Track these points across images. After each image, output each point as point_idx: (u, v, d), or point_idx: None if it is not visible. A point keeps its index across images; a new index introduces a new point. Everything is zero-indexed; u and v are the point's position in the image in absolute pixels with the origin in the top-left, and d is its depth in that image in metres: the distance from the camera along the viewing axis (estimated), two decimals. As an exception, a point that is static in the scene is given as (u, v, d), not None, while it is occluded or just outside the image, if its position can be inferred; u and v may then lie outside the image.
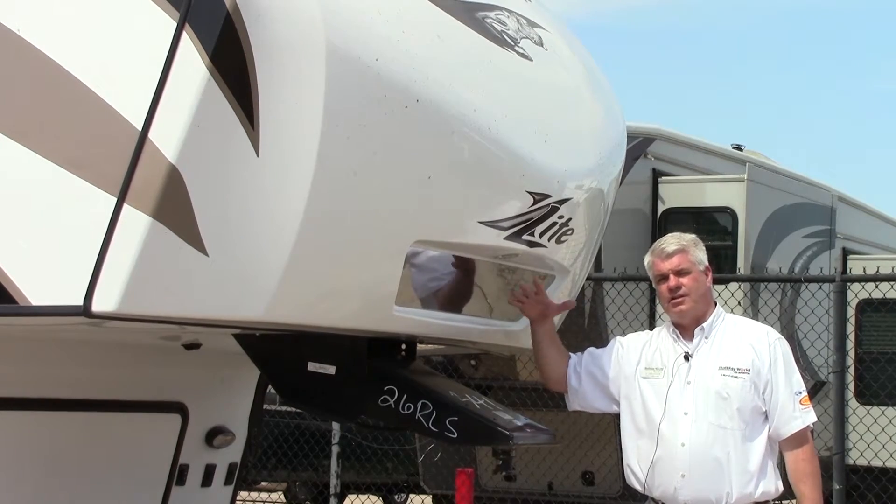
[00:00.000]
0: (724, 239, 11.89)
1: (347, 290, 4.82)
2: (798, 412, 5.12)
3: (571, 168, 5.44)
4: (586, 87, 5.79)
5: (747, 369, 5.09)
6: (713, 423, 5.05)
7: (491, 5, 5.41)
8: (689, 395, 5.09)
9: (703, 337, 5.18)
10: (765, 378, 5.10)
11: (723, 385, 5.07)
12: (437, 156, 4.88)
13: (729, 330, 5.20)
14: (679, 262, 5.18)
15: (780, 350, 5.15)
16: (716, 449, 5.04)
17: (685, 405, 5.08)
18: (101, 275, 4.32)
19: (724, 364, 5.11)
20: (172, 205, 4.32)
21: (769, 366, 5.10)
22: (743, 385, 5.06)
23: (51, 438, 5.47)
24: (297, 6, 4.49)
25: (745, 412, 5.06)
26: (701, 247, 5.27)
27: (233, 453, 6.23)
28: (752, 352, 5.12)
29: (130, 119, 4.36)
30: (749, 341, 5.16)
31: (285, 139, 4.48)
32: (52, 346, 5.30)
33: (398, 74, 4.70)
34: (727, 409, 5.05)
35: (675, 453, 5.06)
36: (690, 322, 5.18)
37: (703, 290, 5.19)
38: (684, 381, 5.11)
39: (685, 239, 5.25)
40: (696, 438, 5.05)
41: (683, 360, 5.14)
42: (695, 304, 5.16)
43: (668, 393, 5.10)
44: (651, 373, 5.19)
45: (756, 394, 5.08)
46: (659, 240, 5.32)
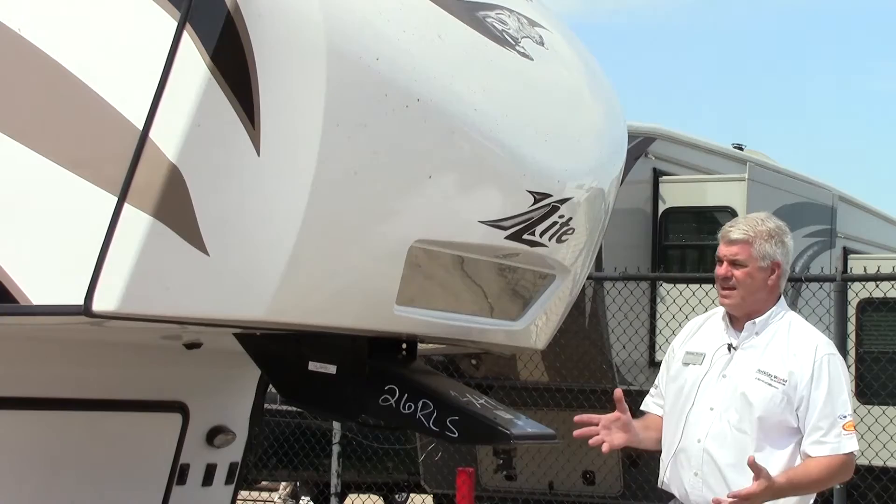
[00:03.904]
0: (725, 238, 11.85)
1: (348, 289, 4.82)
2: (833, 437, 4.65)
3: (572, 167, 5.44)
4: (587, 86, 5.79)
5: (784, 380, 4.66)
6: (733, 426, 4.67)
7: (492, 4, 5.41)
8: (720, 389, 4.72)
9: (754, 332, 4.76)
10: (801, 393, 4.65)
11: (753, 390, 4.67)
12: (438, 155, 4.88)
13: (782, 332, 4.76)
14: (737, 252, 4.74)
15: (828, 367, 4.68)
16: (731, 453, 4.66)
17: (713, 399, 4.72)
18: (102, 274, 4.32)
19: (763, 367, 4.70)
20: (173, 204, 4.33)
21: (809, 381, 4.66)
22: (773, 395, 4.65)
23: (52, 438, 5.47)
24: (298, 6, 4.49)
25: (769, 424, 4.65)
26: (780, 239, 4.76)
27: (233, 453, 6.23)
28: (795, 362, 4.69)
29: (131, 119, 4.36)
30: (794, 350, 4.72)
31: (286, 139, 4.48)
32: (53, 345, 5.30)
33: (399, 74, 4.70)
34: (749, 414, 4.65)
35: (692, 449, 4.72)
36: (743, 314, 4.77)
37: (759, 287, 4.73)
38: (720, 373, 4.74)
39: (760, 227, 4.77)
40: (713, 437, 4.69)
41: (726, 350, 4.76)
42: (743, 300, 4.74)
43: (702, 382, 4.75)
44: (691, 358, 4.83)
45: (788, 408, 4.65)
46: (734, 219, 4.90)
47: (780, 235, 4.77)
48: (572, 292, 5.86)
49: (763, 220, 4.81)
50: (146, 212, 4.31)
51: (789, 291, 12.00)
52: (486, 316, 5.51)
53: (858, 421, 10.94)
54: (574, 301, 6.02)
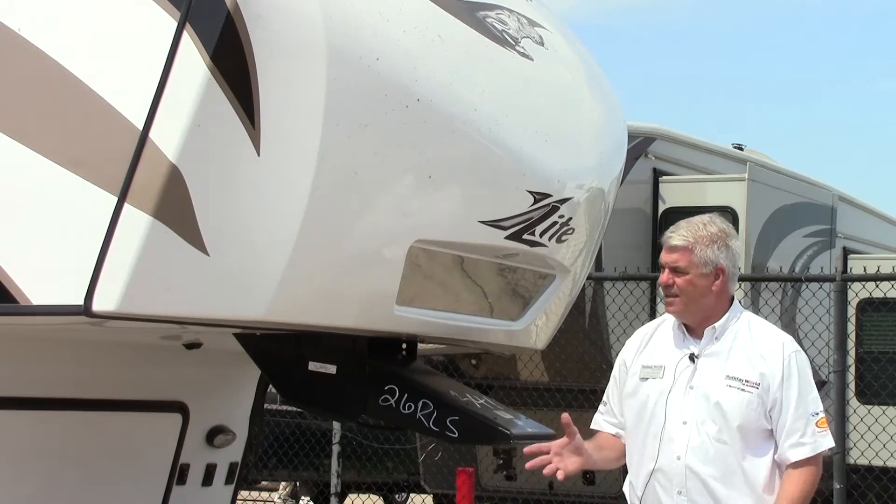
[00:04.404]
0: (725, 238, 11.87)
1: (348, 289, 4.82)
2: (809, 436, 4.52)
3: (572, 167, 5.44)
4: (587, 86, 5.79)
5: (756, 383, 4.50)
6: (714, 438, 4.48)
7: (492, 5, 5.41)
8: (691, 402, 4.52)
9: (714, 338, 4.57)
10: (773, 396, 4.50)
11: (726, 397, 4.49)
12: (438, 155, 4.88)
13: (742, 334, 4.59)
14: (677, 260, 4.59)
15: (797, 365, 4.54)
16: (715, 466, 4.48)
17: (685, 413, 4.52)
18: (102, 274, 4.32)
19: (731, 373, 4.51)
20: (173, 204, 4.33)
21: (780, 382, 4.51)
22: (749, 400, 4.48)
23: (52, 438, 5.47)
24: (298, 6, 4.50)
25: (748, 430, 4.49)
26: (723, 243, 4.60)
27: (233, 453, 6.23)
28: (764, 363, 4.52)
29: (131, 119, 4.36)
30: (761, 351, 4.55)
31: (286, 139, 4.48)
32: (53, 345, 5.30)
33: (399, 74, 4.70)
34: (727, 424, 4.47)
35: (671, 467, 4.50)
36: (695, 321, 4.60)
37: (702, 294, 4.55)
38: (686, 385, 4.54)
39: (701, 232, 4.61)
40: (694, 453, 4.49)
41: (689, 361, 4.56)
42: (686, 307, 4.57)
43: (668, 397, 4.53)
44: (649, 372, 4.61)
45: (762, 411, 4.50)
46: (677, 223, 4.73)
47: (723, 239, 4.61)
48: (572, 292, 5.86)
49: (705, 225, 4.65)
50: (146, 212, 4.31)
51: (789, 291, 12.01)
52: (486, 316, 5.51)
53: (859, 420, 11.00)
54: (574, 301, 6.02)
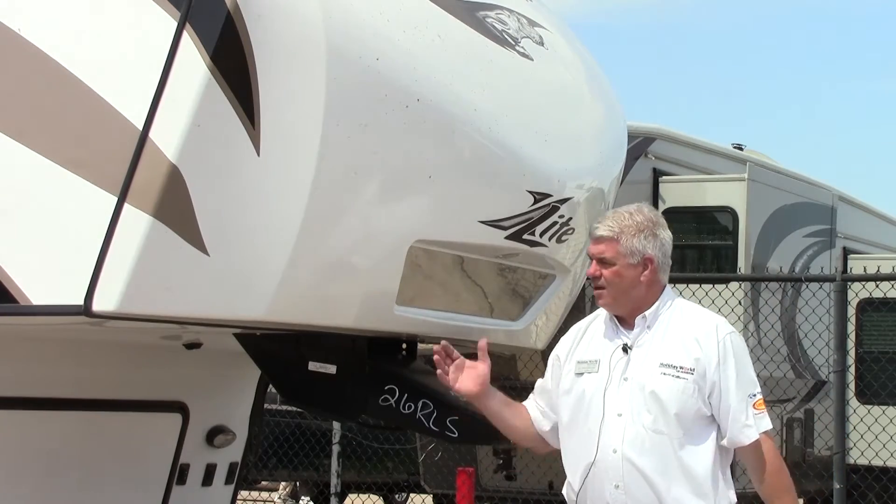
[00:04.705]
0: (725, 238, 11.89)
1: (348, 289, 4.82)
2: (752, 419, 4.41)
3: (572, 167, 5.44)
4: (587, 86, 5.79)
5: (691, 368, 4.39)
6: (649, 428, 4.37)
7: (492, 5, 5.41)
8: (625, 393, 4.41)
9: (646, 326, 4.46)
10: (711, 380, 4.39)
11: (661, 386, 4.38)
12: (438, 155, 4.88)
13: (675, 320, 4.47)
14: (603, 251, 4.46)
15: (732, 347, 4.42)
16: (652, 457, 4.37)
17: (620, 405, 4.40)
18: (102, 274, 4.32)
19: (665, 361, 4.41)
20: (173, 204, 4.33)
21: (717, 365, 4.40)
22: (685, 387, 4.37)
23: (52, 437, 5.47)
24: (298, 6, 4.50)
25: (686, 418, 4.38)
26: (650, 232, 4.47)
27: (233, 453, 6.23)
28: (698, 348, 4.41)
29: (131, 118, 4.36)
30: (695, 335, 4.43)
31: (286, 139, 4.48)
32: (53, 345, 5.30)
33: (399, 74, 4.71)
34: (663, 413, 4.37)
35: (607, 461, 4.39)
36: (625, 312, 4.49)
37: (630, 285, 4.44)
38: (621, 377, 4.43)
39: (627, 222, 4.47)
40: (630, 444, 4.38)
41: (622, 352, 4.45)
42: (615, 299, 4.46)
43: (606, 390, 4.42)
44: (584, 367, 4.51)
45: (700, 397, 4.38)
46: (605, 213, 4.62)
47: (650, 228, 4.48)
48: (572, 292, 5.86)
49: (631, 214, 4.50)
50: (146, 212, 4.31)
51: (789, 292, 12.01)
52: (486, 316, 5.51)
53: (859, 420, 11.00)
54: (574, 301, 6.02)
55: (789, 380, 12.39)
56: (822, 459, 12.55)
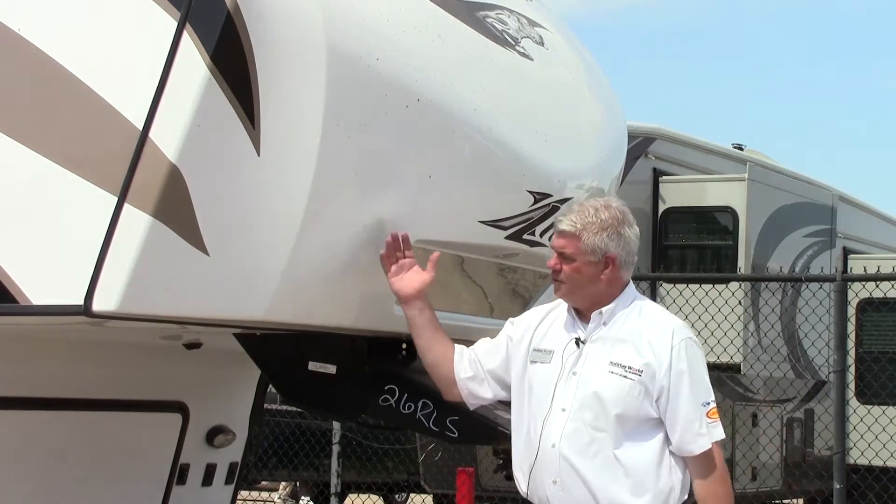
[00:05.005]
0: (725, 238, 11.91)
1: (348, 289, 4.82)
2: (704, 428, 4.30)
3: (572, 167, 5.44)
4: (587, 86, 5.79)
5: (639, 370, 4.30)
6: (589, 426, 4.29)
7: (492, 5, 5.41)
8: (572, 388, 4.33)
9: (601, 322, 4.38)
10: (660, 384, 4.30)
11: (606, 384, 4.30)
12: (438, 155, 4.88)
13: (632, 319, 4.38)
14: (564, 246, 4.40)
15: (686, 353, 4.33)
16: (589, 455, 4.29)
17: (566, 400, 4.33)
18: (102, 274, 4.32)
19: (615, 359, 4.33)
20: (173, 204, 4.32)
21: (667, 370, 4.30)
22: (630, 388, 4.29)
23: (51, 438, 5.47)
24: (298, 6, 4.49)
25: (628, 420, 4.29)
26: (614, 231, 4.38)
27: (233, 453, 6.22)
28: (651, 350, 4.32)
29: (131, 118, 4.36)
30: (649, 337, 4.34)
31: (286, 139, 4.48)
32: (53, 345, 5.29)
33: (399, 74, 4.70)
34: (604, 412, 4.29)
35: (547, 455, 4.33)
36: (585, 306, 4.42)
37: (589, 282, 4.37)
38: (570, 371, 4.36)
39: (591, 218, 4.39)
40: (568, 441, 4.31)
41: (575, 345, 4.39)
42: (571, 294, 4.40)
43: (557, 383, 4.36)
44: (539, 356, 4.45)
45: (647, 400, 4.30)
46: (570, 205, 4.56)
47: (615, 226, 4.38)
48: (572, 292, 5.86)
49: (597, 210, 4.40)
50: (146, 212, 4.31)
51: (789, 291, 12.02)
52: (486, 316, 5.51)
53: (859, 420, 11.00)
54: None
55: (789, 380, 12.41)
56: (822, 459, 12.56)
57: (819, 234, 12.93)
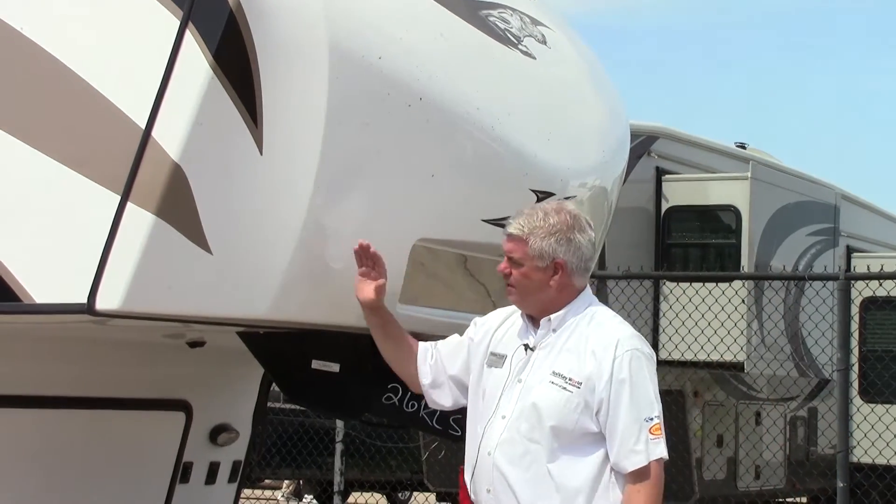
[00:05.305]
0: (728, 237, 11.91)
1: (351, 287, 4.82)
2: (642, 444, 4.10)
3: (575, 166, 5.44)
4: (589, 85, 5.78)
5: (579, 382, 4.13)
6: (525, 436, 4.16)
7: (494, 3, 5.41)
8: (514, 395, 4.21)
9: (550, 329, 4.25)
10: (599, 396, 4.11)
11: (545, 395, 4.16)
12: (441, 154, 4.88)
13: (582, 328, 4.23)
14: (512, 250, 4.30)
15: (629, 364, 4.13)
16: (521, 467, 4.15)
17: (507, 407, 4.22)
18: (105, 273, 4.32)
19: (557, 369, 4.18)
20: (176, 203, 4.33)
21: (607, 382, 4.11)
22: (568, 400, 4.13)
23: (54, 436, 5.47)
24: (300, 4, 4.50)
25: (563, 433, 4.13)
26: (563, 236, 4.24)
27: (237, 451, 6.23)
28: (593, 361, 4.15)
29: (134, 118, 4.37)
30: (593, 347, 4.17)
31: (288, 137, 4.48)
32: (56, 343, 5.30)
33: (401, 72, 4.71)
34: (540, 423, 4.14)
35: (483, 463, 4.23)
36: (537, 311, 4.29)
37: (538, 288, 4.26)
38: (516, 377, 4.24)
39: (539, 222, 4.27)
40: (503, 450, 4.18)
41: (523, 351, 4.27)
42: (522, 299, 4.29)
43: (503, 390, 4.25)
44: (494, 360, 4.32)
45: (586, 413, 4.12)
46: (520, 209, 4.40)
47: (563, 232, 4.24)
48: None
49: (546, 215, 4.28)
50: (149, 210, 4.31)
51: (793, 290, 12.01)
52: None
53: (862, 419, 11.00)
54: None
55: (793, 378, 12.41)
56: (825, 458, 12.57)
57: (822, 232, 12.93)
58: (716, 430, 12.05)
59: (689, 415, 11.73)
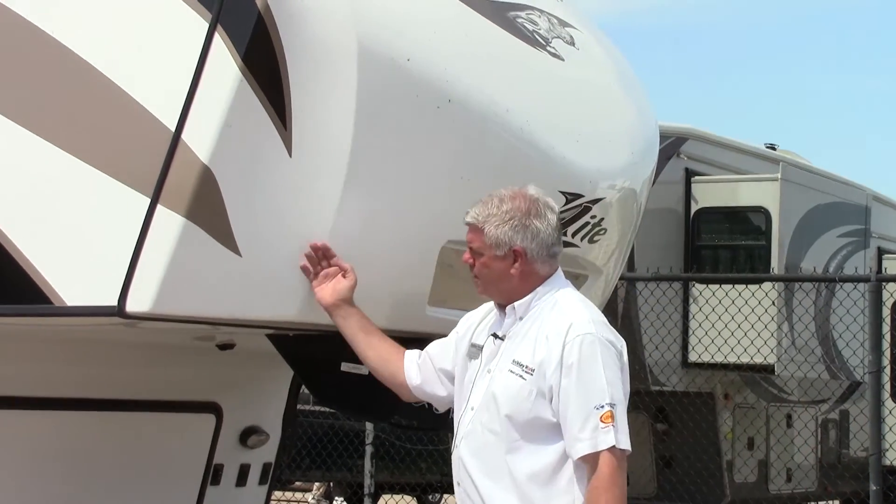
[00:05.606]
0: (758, 239, 11.87)
1: (380, 290, 4.82)
2: (587, 432, 3.92)
3: (604, 168, 5.43)
4: (618, 86, 5.78)
5: (532, 369, 4.02)
6: (486, 427, 4.06)
7: (522, 5, 5.41)
8: (483, 386, 4.13)
9: (517, 318, 4.15)
10: (549, 383, 3.99)
11: (503, 384, 4.06)
12: (469, 156, 4.88)
13: (545, 313, 4.10)
14: (471, 240, 4.20)
15: (579, 348, 3.98)
16: (480, 458, 4.06)
17: (476, 398, 4.13)
18: (136, 275, 4.34)
19: (517, 358, 4.07)
20: (205, 205, 4.34)
21: (556, 367, 3.98)
22: (521, 388, 4.01)
23: (85, 439, 5.49)
24: (329, 6, 4.50)
25: (519, 421, 4.01)
26: (518, 223, 4.12)
27: (267, 453, 6.24)
28: (546, 347, 4.02)
29: (163, 120, 4.38)
30: (547, 332, 4.04)
31: (317, 139, 4.49)
32: (87, 346, 5.32)
33: (430, 75, 4.71)
34: (498, 412, 4.03)
35: (454, 455, 4.16)
36: (504, 300, 4.19)
37: (499, 278, 4.14)
38: (486, 367, 4.15)
39: (494, 209, 4.15)
40: (466, 442, 4.11)
41: (493, 341, 4.17)
42: (486, 289, 4.20)
43: (475, 380, 4.17)
44: (473, 351, 4.24)
45: (541, 401, 3.99)
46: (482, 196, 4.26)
47: (518, 218, 4.11)
48: (605, 293, 5.85)
49: (501, 201, 4.15)
50: (179, 213, 4.33)
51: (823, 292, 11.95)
52: (517, 316, 5.50)
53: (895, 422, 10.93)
54: (606, 302, 6.00)
55: (824, 380, 12.35)
56: (857, 461, 12.51)
57: (853, 234, 12.86)
58: (746, 433, 12.01)
59: (720, 417, 11.69)
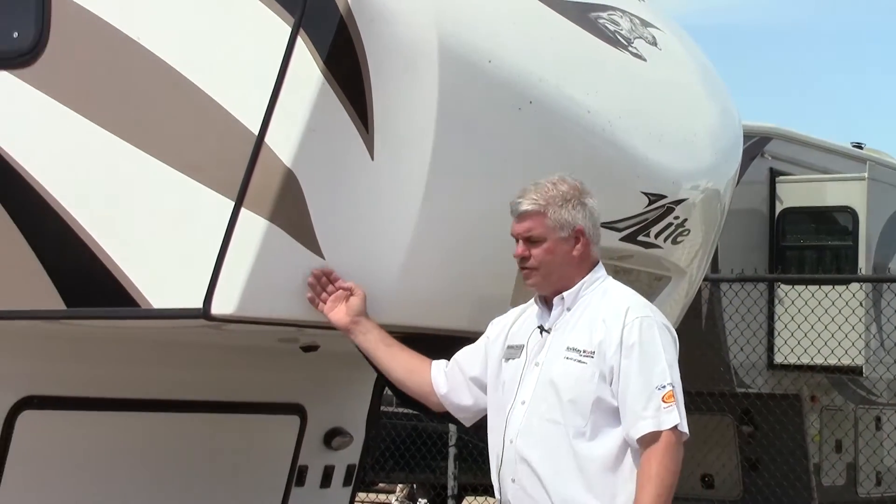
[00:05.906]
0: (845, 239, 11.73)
1: (463, 291, 4.83)
2: (651, 410, 3.93)
3: (687, 168, 5.40)
4: (701, 86, 5.74)
5: (592, 352, 4.00)
6: (544, 417, 4.01)
7: (604, 6, 5.39)
8: (533, 379, 4.09)
9: (565, 308, 4.14)
10: (609, 364, 3.98)
11: (562, 371, 4.03)
12: (551, 157, 4.87)
13: (595, 301, 4.11)
14: (530, 228, 4.14)
15: (639, 331, 3.99)
16: (542, 449, 4.01)
17: (526, 392, 4.08)
18: (220, 278, 4.38)
19: (571, 344, 4.05)
20: (289, 208, 4.37)
21: (616, 349, 3.97)
22: (583, 372, 3.99)
23: (173, 439, 5.55)
24: (411, 9, 4.52)
25: (583, 406, 3.98)
26: (578, 201, 4.15)
27: (351, 455, 6.27)
28: (604, 329, 4.02)
29: (247, 124, 4.42)
30: (604, 316, 4.04)
31: (399, 142, 4.50)
32: (174, 348, 5.38)
33: (511, 76, 4.71)
34: (559, 401, 4.00)
35: (507, 453, 4.08)
36: (551, 291, 4.17)
37: (563, 263, 4.13)
38: (533, 361, 4.12)
39: (552, 192, 4.14)
40: (523, 435, 4.04)
41: (539, 334, 4.15)
42: (545, 279, 4.14)
43: (521, 376, 4.13)
44: (511, 352, 4.21)
45: (603, 384, 3.98)
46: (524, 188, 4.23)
47: (577, 196, 4.16)
48: (688, 294, 5.81)
49: (555, 184, 4.16)
50: (263, 216, 4.36)
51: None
52: (600, 318, 5.48)
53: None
54: (690, 303, 5.97)
55: (913, 382, 12.17)
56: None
57: (943, 233, 12.67)
58: (834, 436, 11.87)
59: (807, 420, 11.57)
